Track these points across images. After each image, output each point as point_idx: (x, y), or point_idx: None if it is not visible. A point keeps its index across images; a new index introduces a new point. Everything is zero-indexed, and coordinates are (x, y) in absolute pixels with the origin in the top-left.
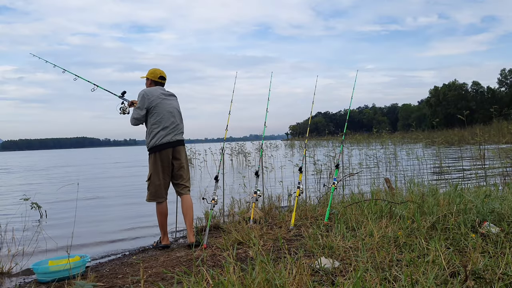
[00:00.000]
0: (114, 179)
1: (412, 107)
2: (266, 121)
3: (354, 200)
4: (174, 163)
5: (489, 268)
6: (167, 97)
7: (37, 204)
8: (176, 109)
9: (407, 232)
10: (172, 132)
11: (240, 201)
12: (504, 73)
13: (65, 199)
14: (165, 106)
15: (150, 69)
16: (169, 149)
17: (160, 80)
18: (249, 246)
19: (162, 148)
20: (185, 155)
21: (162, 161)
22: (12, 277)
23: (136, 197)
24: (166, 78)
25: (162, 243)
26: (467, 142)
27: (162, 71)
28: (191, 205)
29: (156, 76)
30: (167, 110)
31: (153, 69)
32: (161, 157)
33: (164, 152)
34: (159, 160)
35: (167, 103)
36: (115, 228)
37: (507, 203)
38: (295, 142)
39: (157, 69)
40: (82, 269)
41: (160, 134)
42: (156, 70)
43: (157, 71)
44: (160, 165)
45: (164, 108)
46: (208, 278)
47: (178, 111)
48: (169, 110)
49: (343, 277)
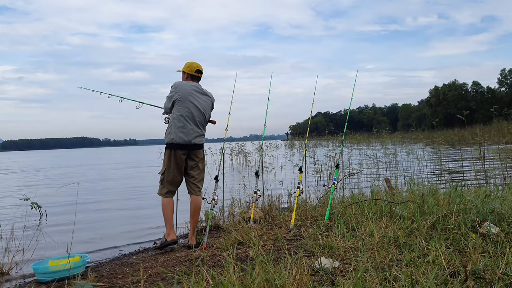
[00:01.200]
0: (114, 179)
1: (412, 107)
2: (266, 121)
3: (354, 200)
4: (189, 163)
5: (489, 268)
6: (198, 95)
7: (37, 204)
8: (203, 110)
9: (407, 232)
10: (192, 134)
11: (240, 201)
12: (504, 73)
13: (65, 199)
14: (193, 103)
15: (186, 63)
16: (185, 150)
17: (196, 74)
18: (249, 246)
19: (178, 148)
20: (203, 156)
21: (176, 159)
22: (12, 277)
23: (136, 197)
24: (203, 72)
25: (167, 239)
26: (467, 142)
27: (199, 65)
28: (199, 207)
29: (193, 70)
30: (193, 108)
31: (190, 62)
32: (176, 156)
33: (179, 151)
34: (173, 158)
35: (196, 101)
36: (115, 228)
37: (507, 203)
38: (295, 142)
39: (193, 63)
40: (82, 269)
41: (179, 132)
42: (193, 63)
43: (193, 64)
44: (173, 162)
45: (190, 106)
46: (208, 278)
47: (205, 112)
48: (194, 109)
49: (343, 277)
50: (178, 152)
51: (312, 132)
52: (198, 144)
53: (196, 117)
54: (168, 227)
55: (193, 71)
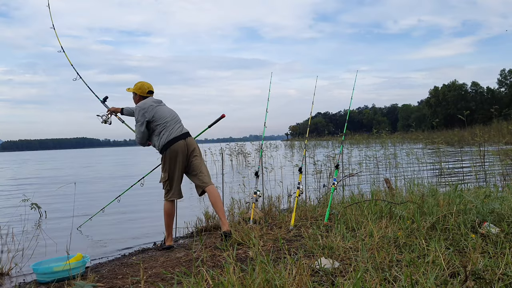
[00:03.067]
0: (114, 180)
1: (412, 108)
2: (266, 121)
3: (354, 201)
4: (189, 154)
5: (489, 269)
6: (159, 104)
7: (37, 204)
8: (173, 111)
9: (407, 233)
10: (179, 128)
11: (240, 202)
12: (504, 73)
13: (65, 199)
14: (162, 111)
15: (136, 83)
16: (181, 141)
17: (148, 94)
18: (249, 246)
19: (173, 142)
20: (198, 147)
21: (177, 154)
22: (12, 278)
23: (136, 197)
24: (153, 91)
25: (165, 244)
26: (467, 143)
27: (150, 85)
28: (218, 194)
29: (145, 92)
30: (166, 115)
31: (140, 83)
32: (175, 150)
33: (176, 144)
34: (173, 155)
35: (163, 109)
36: (114, 229)
37: (507, 203)
38: (295, 143)
39: (144, 83)
40: (82, 269)
41: (168, 132)
42: (144, 84)
43: (144, 85)
44: (174, 160)
45: (162, 114)
46: (208, 279)
47: (175, 113)
48: (167, 114)
49: (343, 278)
50: (175, 146)
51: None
52: (188, 132)
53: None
54: (167, 233)
55: (145, 93)
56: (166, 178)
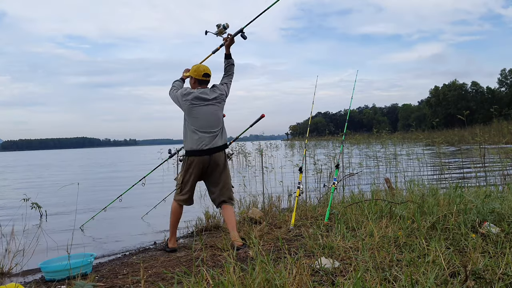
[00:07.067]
0: (115, 180)
1: (412, 107)
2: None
3: (354, 200)
4: (211, 169)
5: (489, 268)
6: (203, 103)
7: (37, 204)
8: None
9: (407, 232)
10: (210, 140)
11: (240, 201)
12: (504, 73)
13: (65, 200)
14: (201, 113)
15: (193, 66)
16: (205, 157)
17: (204, 77)
18: (249, 246)
19: (197, 154)
20: (224, 159)
21: (196, 167)
22: (12, 277)
23: (136, 197)
24: (210, 75)
25: (168, 245)
26: (467, 142)
27: (206, 67)
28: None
29: (200, 74)
30: (202, 119)
31: (196, 65)
32: (195, 163)
33: (199, 158)
34: (192, 166)
35: (202, 111)
36: (115, 228)
37: (507, 203)
38: (295, 142)
39: (200, 65)
40: (88, 268)
41: (196, 140)
42: (200, 66)
43: (200, 67)
44: (191, 170)
45: (198, 116)
46: (208, 278)
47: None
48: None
49: (343, 277)
50: (196, 160)
51: (312, 132)
52: (220, 146)
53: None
54: (171, 234)
55: (200, 75)
56: (181, 181)
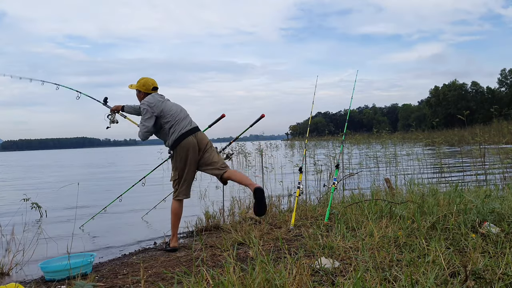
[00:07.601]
0: (115, 180)
1: (412, 107)
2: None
3: (354, 200)
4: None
5: (489, 268)
6: (165, 100)
7: (37, 204)
8: (179, 106)
9: (407, 232)
10: (187, 123)
11: (240, 201)
12: (504, 73)
13: (65, 200)
14: (169, 106)
15: (139, 80)
16: (190, 137)
17: (153, 91)
18: (249, 246)
19: (182, 138)
20: (209, 140)
21: (187, 152)
22: (12, 277)
23: (136, 197)
24: (158, 87)
25: (170, 245)
26: (467, 142)
27: (154, 80)
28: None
29: (149, 88)
30: (173, 110)
31: (144, 79)
32: (185, 148)
33: (185, 141)
34: (183, 152)
35: (169, 104)
36: (115, 228)
37: (507, 203)
38: (295, 142)
39: (148, 79)
40: (88, 268)
41: (176, 129)
42: (148, 80)
43: (149, 81)
44: (184, 158)
45: (170, 109)
46: (208, 278)
47: (181, 107)
48: (174, 109)
49: (343, 277)
50: (185, 141)
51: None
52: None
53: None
54: (172, 232)
55: (149, 89)
56: (176, 177)
